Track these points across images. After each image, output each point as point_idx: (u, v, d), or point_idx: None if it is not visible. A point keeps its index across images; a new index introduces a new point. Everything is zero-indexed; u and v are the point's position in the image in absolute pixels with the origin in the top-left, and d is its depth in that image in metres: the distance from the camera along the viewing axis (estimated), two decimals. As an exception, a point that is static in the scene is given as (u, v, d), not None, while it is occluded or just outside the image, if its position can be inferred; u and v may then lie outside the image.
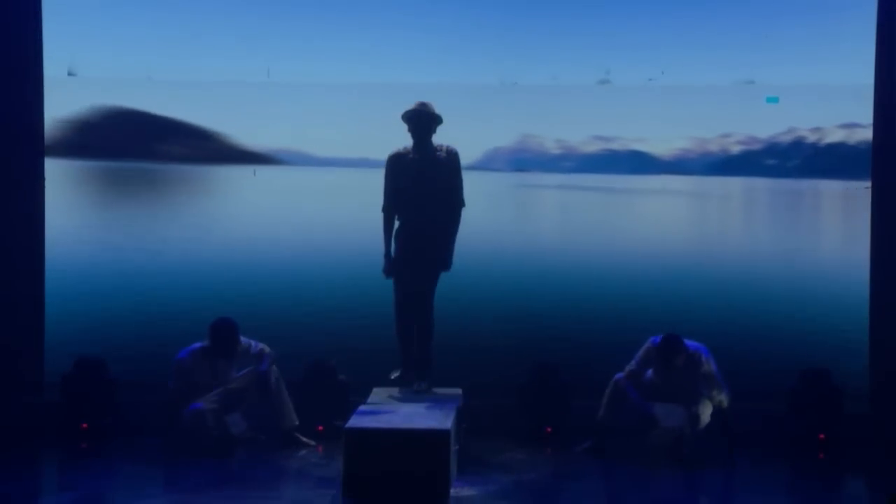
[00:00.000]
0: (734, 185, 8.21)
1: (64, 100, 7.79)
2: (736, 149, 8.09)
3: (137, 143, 7.99)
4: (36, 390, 7.50)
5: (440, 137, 6.56)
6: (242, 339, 6.79)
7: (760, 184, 8.20)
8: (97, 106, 7.94)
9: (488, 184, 8.05)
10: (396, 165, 6.52)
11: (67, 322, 7.65)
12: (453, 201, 6.52)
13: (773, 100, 7.85)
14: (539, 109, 7.92)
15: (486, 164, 8.05)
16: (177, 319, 7.49)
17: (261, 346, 6.83)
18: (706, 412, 6.50)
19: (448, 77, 7.79)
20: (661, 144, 8.13)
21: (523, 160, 8.11)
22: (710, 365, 6.56)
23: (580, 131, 8.06)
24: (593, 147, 8.11)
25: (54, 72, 7.71)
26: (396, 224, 6.55)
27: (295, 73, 7.89)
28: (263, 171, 7.99)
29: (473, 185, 7.78)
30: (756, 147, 8.06)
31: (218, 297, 7.63)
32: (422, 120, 6.47)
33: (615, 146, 8.11)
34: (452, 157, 6.52)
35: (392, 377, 6.62)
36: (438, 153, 6.51)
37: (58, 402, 7.18)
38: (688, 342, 6.55)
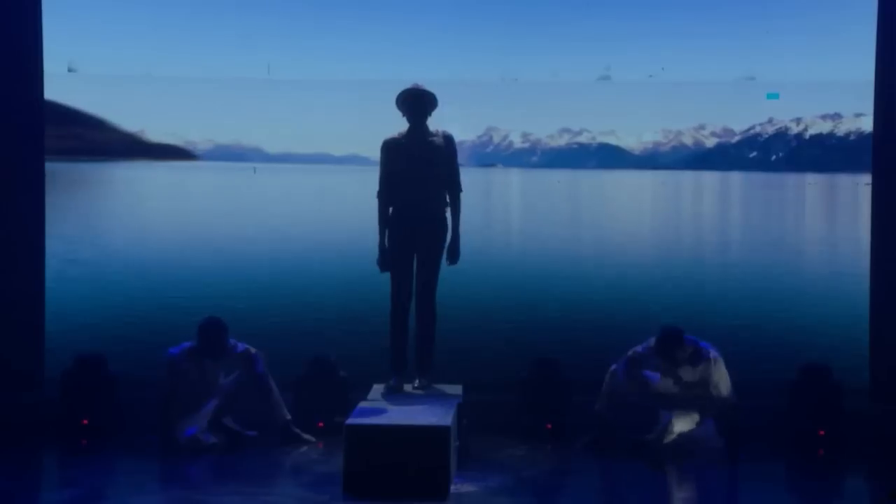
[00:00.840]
0: (733, 178, 8.21)
1: (64, 96, 7.78)
2: (734, 140, 8.09)
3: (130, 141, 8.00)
4: (36, 387, 7.49)
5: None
6: (230, 340, 6.83)
7: (759, 178, 8.20)
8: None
9: (489, 179, 8.04)
10: (391, 150, 6.34)
11: (67, 319, 7.66)
12: (451, 187, 6.36)
13: (773, 96, 7.84)
14: (541, 105, 7.93)
15: (482, 160, 8.05)
16: (177, 316, 7.49)
17: (245, 346, 6.86)
18: (681, 425, 6.47)
19: (448, 74, 7.79)
20: (658, 139, 8.12)
21: (518, 155, 8.11)
22: (718, 364, 6.55)
23: (580, 127, 8.06)
24: (592, 142, 8.11)
25: (54, 68, 7.72)
26: (374, 206, 6.35)
27: (295, 70, 7.90)
28: (263, 168, 7.99)
29: (475, 181, 7.80)
30: (758, 140, 8.06)
31: (218, 293, 7.64)
32: (417, 102, 6.30)
33: (613, 141, 8.11)
34: (448, 141, 6.36)
35: (385, 387, 6.42)
36: (434, 138, 6.34)
37: (58, 399, 7.18)
38: (701, 342, 6.57)
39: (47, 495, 6.00)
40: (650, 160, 8.10)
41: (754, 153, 8.07)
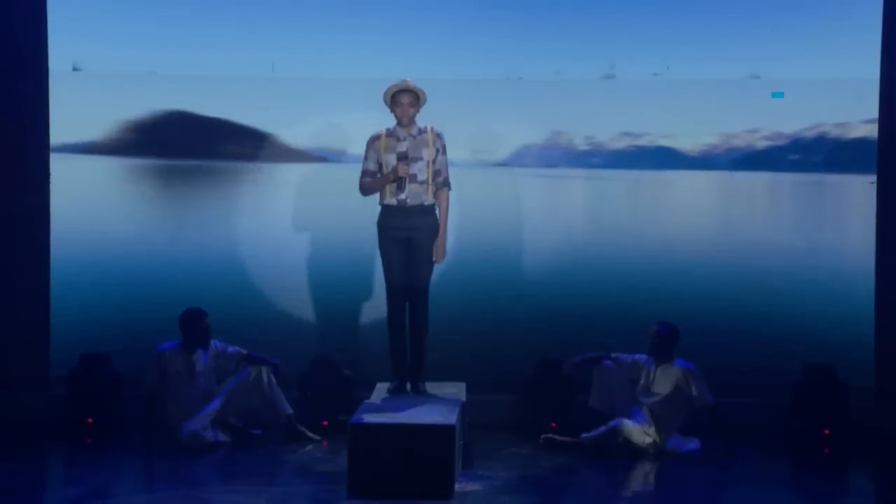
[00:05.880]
0: (736, 179, 8.19)
1: (69, 95, 7.79)
2: (761, 144, 8.08)
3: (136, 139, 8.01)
4: (41, 385, 7.52)
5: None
6: (217, 342, 6.90)
7: (765, 178, 8.18)
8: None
9: (491, 178, 8.04)
10: (378, 146, 6.21)
11: (73, 318, 7.67)
12: (440, 184, 6.21)
13: (778, 94, 7.83)
14: (541, 104, 7.91)
15: (487, 160, 8.04)
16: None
17: (235, 347, 6.93)
18: (629, 433, 6.51)
19: (452, 72, 7.77)
20: (662, 140, 8.11)
21: (525, 156, 8.10)
22: (694, 374, 6.70)
23: (582, 127, 8.05)
24: (594, 142, 8.09)
25: (59, 67, 7.72)
26: (379, 209, 6.25)
27: (299, 68, 7.89)
28: (267, 167, 7.99)
29: (475, 180, 7.80)
30: (781, 142, 8.04)
31: (223, 292, 7.65)
32: (405, 98, 6.13)
33: (613, 141, 8.10)
34: (438, 138, 6.21)
35: (388, 391, 6.34)
36: (423, 134, 6.21)
37: (63, 398, 7.20)
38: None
39: (53, 493, 6.00)
40: (706, 162, 8.06)
41: (795, 155, 8.01)
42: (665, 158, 8.06)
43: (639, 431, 6.51)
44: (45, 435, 7.04)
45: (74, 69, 7.82)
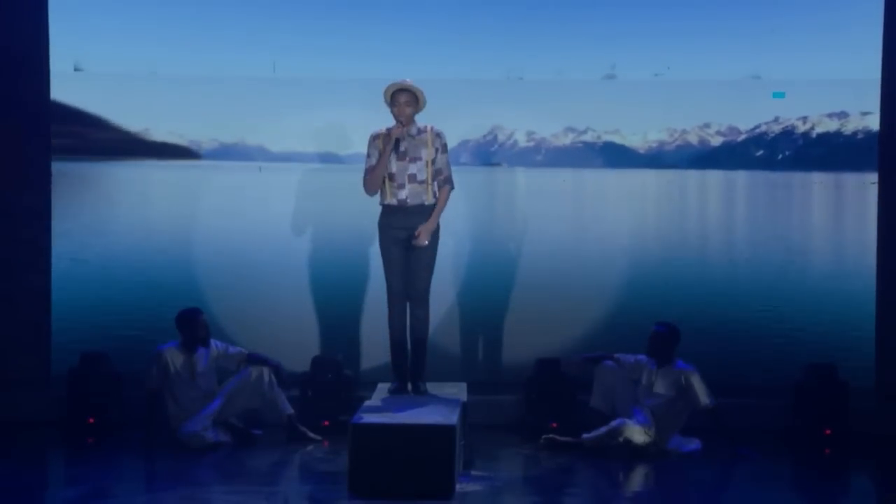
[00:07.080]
0: (739, 177, 8.20)
1: (70, 95, 7.79)
2: (740, 139, 8.08)
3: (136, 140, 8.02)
4: (42, 385, 7.52)
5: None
6: (218, 343, 6.91)
7: (765, 177, 8.19)
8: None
9: (491, 178, 8.04)
10: (379, 144, 6.17)
11: (73, 317, 7.67)
12: (442, 183, 6.18)
13: (779, 94, 7.83)
14: (543, 104, 7.92)
15: (487, 159, 8.05)
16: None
17: (236, 347, 6.96)
18: (630, 433, 6.47)
19: (452, 72, 7.77)
20: (663, 138, 8.11)
21: (522, 154, 8.10)
22: (694, 376, 6.66)
23: (582, 125, 8.06)
24: (597, 141, 8.10)
25: (61, 67, 7.72)
26: (379, 209, 6.22)
27: (300, 69, 7.89)
28: (268, 167, 8.00)
29: (476, 179, 7.80)
30: (764, 139, 8.05)
31: (223, 293, 7.65)
32: (405, 98, 6.11)
33: (617, 140, 8.10)
34: (438, 137, 6.18)
35: (389, 391, 6.31)
36: (422, 133, 6.20)
37: (64, 397, 7.19)
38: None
39: (54, 493, 6.00)
40: (656, 159, 8.09)
41: (761, 152, 8.06)
42: (672, 158, 8.08)
43: (640, 432, 6.51)
44: (45, 435, 7.03)
45: (75, 69, 7.82)
